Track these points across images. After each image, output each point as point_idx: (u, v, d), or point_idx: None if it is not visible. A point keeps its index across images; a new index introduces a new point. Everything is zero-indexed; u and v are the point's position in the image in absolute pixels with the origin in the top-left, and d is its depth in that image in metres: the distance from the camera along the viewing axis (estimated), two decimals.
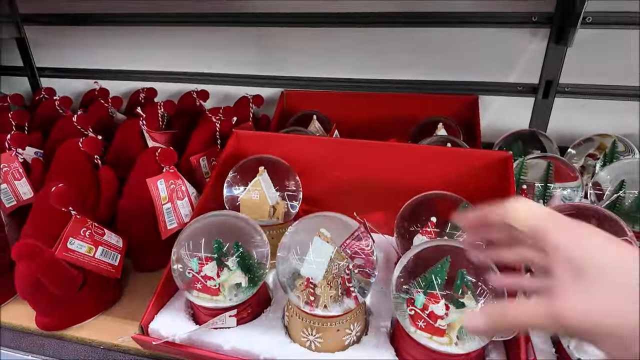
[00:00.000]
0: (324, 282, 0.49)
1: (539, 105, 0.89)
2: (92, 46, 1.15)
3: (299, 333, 0.50)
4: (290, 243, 0.51)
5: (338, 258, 0.49)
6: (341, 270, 0.49)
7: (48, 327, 0.57)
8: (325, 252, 0.49)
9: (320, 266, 0.49)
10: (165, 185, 0.65)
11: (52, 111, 0.98)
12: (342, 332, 0.49)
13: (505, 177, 0.59)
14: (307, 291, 0.49)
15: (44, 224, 0.55)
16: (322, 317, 0.48)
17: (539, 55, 0.85)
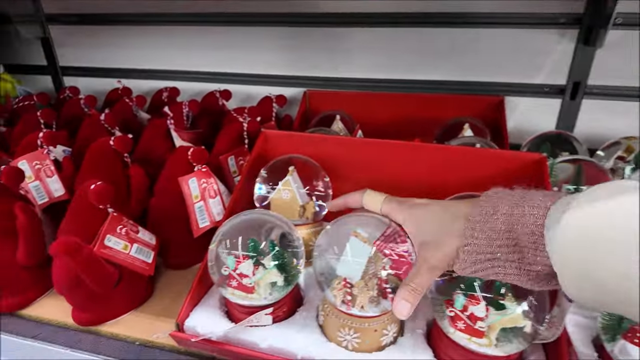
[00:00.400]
0: (362, 283, 0.49)
1: (566, 107, 0.88)
2: (114, 45, 1.16)
3: (336, 332, 0.50)
4: (328, 242, 0.51)
5: (375, 259, 0.49)
6: (378, 271, 0.49)
7: (84, 323, 0.58)
8: (362, 253, 0.49)
9: (357, 266, 0.49)
10: (197, 183, 0.66)
11: (77, 110, 1.00)
12: (379, 333, 0.49)
13: (540, 180, 0.58)
14: (344, 291, 0.49)
15: (81, 221, 0.56)
16: (359, 317, 0.48)
17: (566, 56, 0.85)
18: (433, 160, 0.67)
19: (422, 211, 0.43)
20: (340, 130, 0.92)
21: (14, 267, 0.60)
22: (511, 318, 0.44)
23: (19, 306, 0.62)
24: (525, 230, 0.33)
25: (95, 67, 1.20)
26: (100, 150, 0.70)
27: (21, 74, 1.23)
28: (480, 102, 0.91)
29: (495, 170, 0.64)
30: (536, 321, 0.44)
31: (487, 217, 0.36)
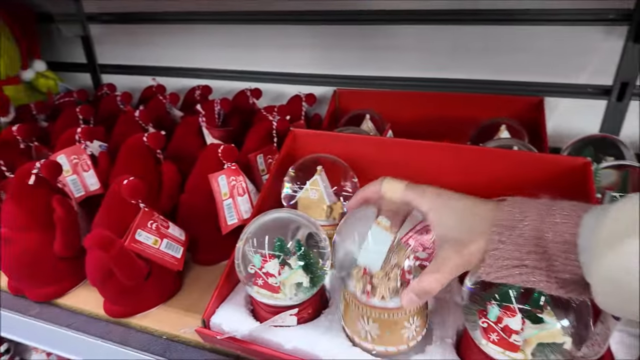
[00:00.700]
0: (382, 273, 0.46)
1: (612, 109, 0.83)
2: (150, 44, 1.19)
3: (355, 323, 0.49)
4: (348, 229, 0.49)
5: (398, 248, 0.47)
6: (401, 261, 0.47)
7: (115, 315, 0.59)
8: (383, 241, 0.46)
9: (378, 255, 0.47)
10: (226, 181, 0.66)
11: (113, 106, 1.03)
12: (400, 325, 0.47)
13: (583, 186, 0.55)
14: (364, 279, 0.47)
15: (114, 215, 0.57)
16: (379, 308, 0.46)
17: (614, 55, 0.80)
18: (466, 162, 0.65)
19: (448, 203, 0.40)
20: (369, 129, 0.90)
21: (51, 258, 0.62)
22: (550, 333, 0.41)
23: (55, 295, 0.64)
24: (557, 239, 0.33)
25: (131, 64, 1.23)
26: (134, 146, 0.72)
27: (62, 71, 1.28)
28: (517, 103, 0.87)
29: (534, 174, 0.61)
30: (577, 338, 0.41)
31: (515, 223, 0.35)
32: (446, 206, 0.40)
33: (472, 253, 0.37)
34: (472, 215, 0.38)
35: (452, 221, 0.39)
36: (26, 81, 1.09)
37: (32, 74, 1.09)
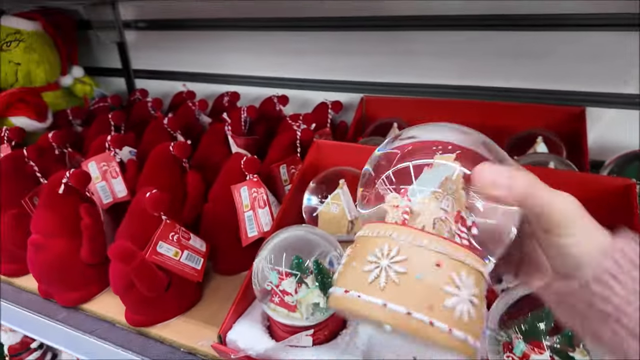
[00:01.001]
0: (428, 199, 0.29)
1: None
2: (181, 50, 1.21)
3: (365, 257, 0.27)
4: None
5: (456, 191, 0.29)
6: (455, 209, 0.29)
7: (136, 324, 0.60)
8: (434, 180, 0.29)
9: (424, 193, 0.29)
10: (248, 192, 0.66)
11: (145, 112, 1.05)
12: (443, 274, 0.25)
13: (626, 210, 0.51)
14: (401, 208, 0.29)
15: (137, 225, 0.58)
16: (416, 229, 0.27)
17: None
18: None
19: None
20: None
21: (78, 264, 0.64)
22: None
23: (82, 300, 0.66)
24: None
25: (164, 70, 1.26)
26: (160, 155, 0.73)
27: (98, 76, 1.33)
28: (556, 113, 0.82)
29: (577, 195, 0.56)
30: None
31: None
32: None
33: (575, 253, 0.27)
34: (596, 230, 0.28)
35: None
36: (64, 87, 1.14)
37: (70, 80, 1.14)
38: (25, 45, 0.98)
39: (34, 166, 0.73)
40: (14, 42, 0.97)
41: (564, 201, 0.27)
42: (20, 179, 0.72)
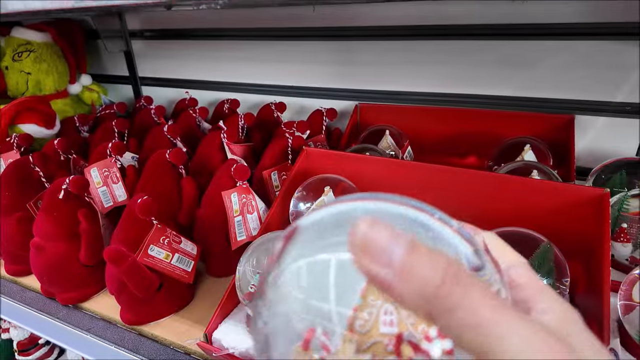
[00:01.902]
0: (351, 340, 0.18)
1: None
2: (186, 58, 1.25)
3: None
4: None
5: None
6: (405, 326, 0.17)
7: (129, 322, 0.63)
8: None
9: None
10: (237, 198, 0.68)
11: (148, 118, 1.09)
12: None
13: (600, 219, 0.52)
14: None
15: (131, 230, 0.61)
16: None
17: None
18: (483, 188, 0.63)
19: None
20: (388, 146, 0.90)
21: (77, 265, 0.68)
22: None
23: (80, 299, 0.69)
24: None
25: (169, 77, 1.30)
26: (157, 161, 0.76)
27: (106, 83, 1.38)
28: (545, 121, 0.83)
29: (551, 203, 0.58)
30: None
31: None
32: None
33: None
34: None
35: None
36: (73, 94, 1.18)
37: (79, 88, 1.19)
38: (36, 56, 1.03)
39: (39, 172, 0.77)
40: (25, 53, 1.02)
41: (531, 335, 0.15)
42: (26, 184, 0.76)
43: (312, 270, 0.18)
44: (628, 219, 0.63)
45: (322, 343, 0.17)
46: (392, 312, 0.17)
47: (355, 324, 0.17)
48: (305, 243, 0.19)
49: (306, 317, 0.17)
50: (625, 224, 0.63)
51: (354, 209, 0.19)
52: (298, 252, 0.18)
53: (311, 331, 0.17)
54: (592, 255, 0.53)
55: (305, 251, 0.18)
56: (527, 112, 0.85)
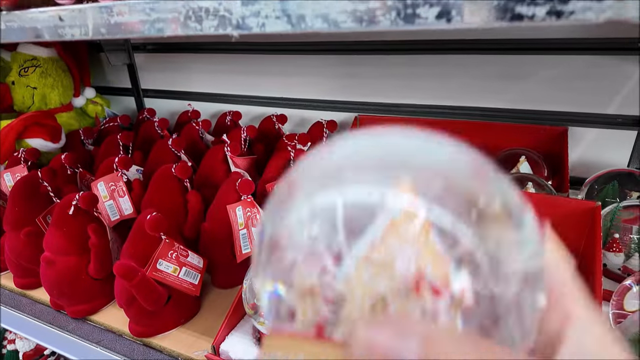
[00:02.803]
0: (363, 284, 0.16)
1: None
2: (187, 71, 1.27)
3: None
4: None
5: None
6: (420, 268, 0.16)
7: (138, 334, 0.65)
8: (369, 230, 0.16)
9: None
10: (242, 212, 0.70)
11: (152, 130, 1.11)
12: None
13: (591, 231, 0.54)
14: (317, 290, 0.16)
15: (140, 244, 0.63)
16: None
17: None
18: None
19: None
20: None
21: (86, 279, 0.69)
22: None
23: (89, 312, 0.71)
24: None
25: (171, 90, 1.32)
26: (163, 176, 0.78)
27: (109, 95, 1.40)
28: (540, 132, 0.85)
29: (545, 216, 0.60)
30: None
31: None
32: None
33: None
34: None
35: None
36: (77, 107, 1.20)
37: (83, 101, 1.21)
38: (41, 71, 1.05)
39: (47, 187, 0.79)
40: (31, 68, 1.04)
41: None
42: (34, 198, 0.78)
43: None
44: (620, 229, 0.66)
45: (328, 268, 0.16)
46: (412, 257, 0.16)
47: (372, 255, 0.16)
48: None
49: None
50: (618, 234, 0.65)
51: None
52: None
53: (318, 252, 0.16)
54: (585, 266, 0.55)
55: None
56: (522, 124, 0.88)
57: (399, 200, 0.16)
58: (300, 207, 0.17)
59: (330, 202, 0.17)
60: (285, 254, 0.17)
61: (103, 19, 0.36)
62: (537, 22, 0.23)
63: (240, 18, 0.30)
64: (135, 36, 0.36)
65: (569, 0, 0.22)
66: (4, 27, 0.43)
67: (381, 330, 0.14)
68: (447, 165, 0.18)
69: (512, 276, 0.16)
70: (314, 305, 0.16)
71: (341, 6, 0.26)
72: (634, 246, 0.64)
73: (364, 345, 0.14)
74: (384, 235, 0.16)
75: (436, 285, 0.15)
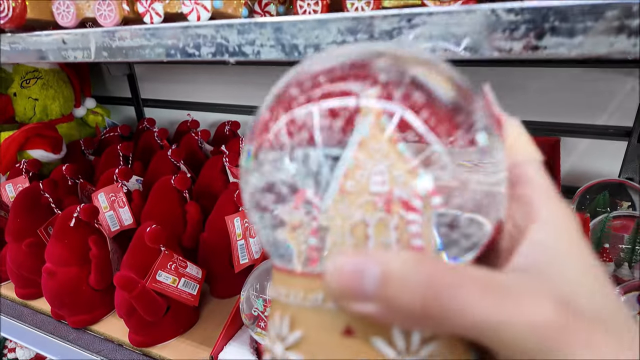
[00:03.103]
0: (342, 214, 0.17)
1: (632, 151, 0.81)
2: (186, 81, 1.29)
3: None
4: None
5: (393, 163, 0.17)
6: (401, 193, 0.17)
7: (138, 344, 0.66)
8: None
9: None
10: (240, 223, 0.72)
11: (152, 140, 1.12)
12: (356, 347, 0.17)
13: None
14: (305, 232, 0.18)
15: (139, 257, 0.65)
16: (312, 275, 0.18)
17: (634, 95, 0.78)
18: None
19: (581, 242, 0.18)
20: None
21: (87, 289, 0.71)
22: None
23: (90, 322, 0.72)
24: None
25: (170, 100, 1.34)
26: (163, 187, 0.79)
27: (110, 105, 1.42)
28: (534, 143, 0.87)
29: None
30: None
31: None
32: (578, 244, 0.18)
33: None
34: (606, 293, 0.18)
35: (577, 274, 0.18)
36: (78, 117, 1.22)
37: (83, 111, 1.22)
38: (43, 82, 1.07)
39: (49, 198, 0.80)
40: (33, 80, 1.06)
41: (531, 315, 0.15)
42: (36, 210, 0.79)
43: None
44: (610, 239, 0.67)
45: (313, 204, 0.18)
46: (384, 171, 0.17)
47: (346, 185, 0.17)
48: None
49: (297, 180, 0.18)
50: (608, 244, 0.66)
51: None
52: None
53: (302, 192, 0.18)
54: None
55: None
56: None
57: (371, 102, 0.18)
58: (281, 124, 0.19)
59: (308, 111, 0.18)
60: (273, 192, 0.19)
61: (105, 42, 0.38)
62: (515, 55, 0.25)
63: (237, 46, 0.32)
64: (136, 59, 0.37)
65: (544, 37, 0.24)
66: (8, 48, 0.44)
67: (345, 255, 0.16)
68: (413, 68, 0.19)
69: (475, 181, 0.18)
70: (304, 237, 0.18)
71: (332, 37, 0.28)
72: (623, 255, 0.65)
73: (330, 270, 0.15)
74: (355, 156, 0.17)
75: (407, 198, 0.17)
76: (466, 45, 0.27)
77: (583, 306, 0.16)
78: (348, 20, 0.28)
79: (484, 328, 0.15)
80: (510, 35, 0.24)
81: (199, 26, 0.33)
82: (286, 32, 0.29)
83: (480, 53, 0.26)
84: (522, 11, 0.25)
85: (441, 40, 0.29)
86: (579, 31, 0.25)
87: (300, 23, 0.28)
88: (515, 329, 0.15)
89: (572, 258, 0.17)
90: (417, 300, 0.15)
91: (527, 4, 0.25)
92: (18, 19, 0.46)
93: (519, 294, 0.15)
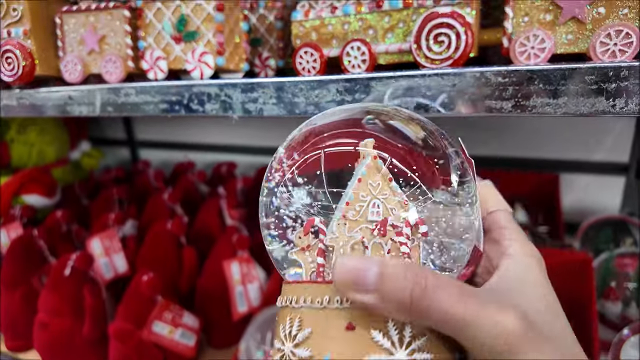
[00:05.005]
0: (344, 236, 0.24)
1: (631, 187, 0.82)
2: (181, 122, 1.30)
3: (279, 328, 0.24)
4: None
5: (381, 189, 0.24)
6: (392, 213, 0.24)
7: None
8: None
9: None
10: (238, 268, 0.70)
11: (147, 183, 1.12)
12: (358, 341, 0.21)
13: (585, 282, 0.55)
14: (312, 252, 0.24)
15: (135, 306, 0.63)
16: (318, 283, 0.23)
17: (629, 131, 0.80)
18: None
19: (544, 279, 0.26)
20: None
21: (80, 341, 0.68)
22: None
23: None
24: None
25: (165, 141, 1.35)
26: (158, 232, 0.78)
27: (105, 146, 1.42)
28: (532, 179, 0.87)
29: None
30: None
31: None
32: (537, 277, 0.25)
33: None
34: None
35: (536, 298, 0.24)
36: (72, 160, 1.22)
37: (78, 154, 1.22)
38: (40, 128, 1.07)
39: (42, 245, 0.78)
40: (30, 126, 1.06)
41: (499, 317, 0.20)
42: (29, 258, 0.77)
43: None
44: (616, 277, 0.66)
45: (319, 229, 0.24)
46: (379, 205, 0.24)
47: (348, 214, 0.24)
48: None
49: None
50: (614, 283, 0.66)
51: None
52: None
53: (311, 220, 0.24)
54: (580, 316, 0.55)
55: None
56: (515, 172, 0.90)
57: (368, 150, 0.24)
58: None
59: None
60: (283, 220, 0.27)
61: (111, 99, 0.38)
62: (505, 114, 0.26)
63: (240, 103, 0.32)
64: (140, 114, 0.37)
65: (531, 98, 0.25)
66: (15, 104, 0.44)
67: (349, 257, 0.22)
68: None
69: (453, 212, 0.25)
70: (311, 257, 0.24)
71: (330, 96, 0.28)
72: (629, 294, 0.64)
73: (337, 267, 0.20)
74: (355, 191, 0.24)
75: (398, 224, 0.23)
76: (442, 103, 0.29)
77: (537, 322, 0.21)
78: (346, 81, 0.28)
79: (458, 324, 0.19)
80: (500, 95, 0.26)
81: (203, 85, 0.34)
82: (287, 91, 0.30)
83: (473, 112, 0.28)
84: (509, 73, 0.27)
85: (429, 100, 0.30)
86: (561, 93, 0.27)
87: (301, 83, 0.29)
88: (483, 329, 0.19)
89: (531, 287, 0.24)
90: (407, 294, 0.19)
91: (512, 67, 0.27)
92: (27, 77, 0.47)
93: (488, 302, 0.20)
